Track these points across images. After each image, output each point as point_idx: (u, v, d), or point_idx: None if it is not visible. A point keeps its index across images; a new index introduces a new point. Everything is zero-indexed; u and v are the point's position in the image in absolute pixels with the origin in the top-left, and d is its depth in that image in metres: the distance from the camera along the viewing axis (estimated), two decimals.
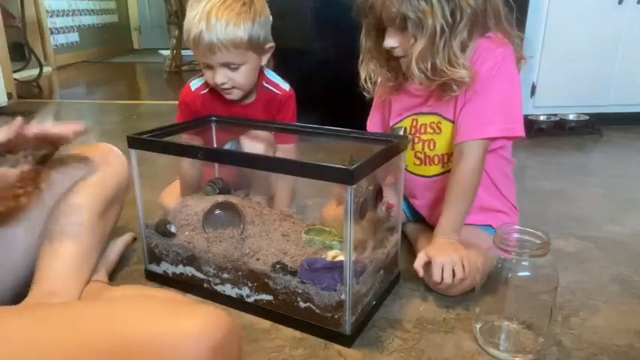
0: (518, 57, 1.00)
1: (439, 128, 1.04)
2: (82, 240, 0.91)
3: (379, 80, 1.07)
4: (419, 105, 1.07)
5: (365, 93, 1.08)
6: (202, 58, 1.11)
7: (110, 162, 0.99)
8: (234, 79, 1.11)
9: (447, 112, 1.03)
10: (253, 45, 1.08)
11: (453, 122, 1.02)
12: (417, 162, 1.08)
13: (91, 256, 0.94)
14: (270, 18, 1.14)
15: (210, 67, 1.11)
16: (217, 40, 1.04)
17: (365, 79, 1.06)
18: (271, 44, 1.15)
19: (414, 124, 1.07)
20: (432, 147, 1.05)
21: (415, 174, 1.10)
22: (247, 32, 1.06)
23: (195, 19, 1.05)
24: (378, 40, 1.01)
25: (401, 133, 1.09)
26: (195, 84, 1.21)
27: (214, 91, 1.17)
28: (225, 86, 1.12)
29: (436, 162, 1.06)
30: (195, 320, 0.57)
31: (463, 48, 0.94)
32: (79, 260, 0.91)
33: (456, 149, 1.00)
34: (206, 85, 1.19)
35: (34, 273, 0.88)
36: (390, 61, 1.04)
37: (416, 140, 1.07)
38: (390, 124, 1.12)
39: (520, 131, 0.98)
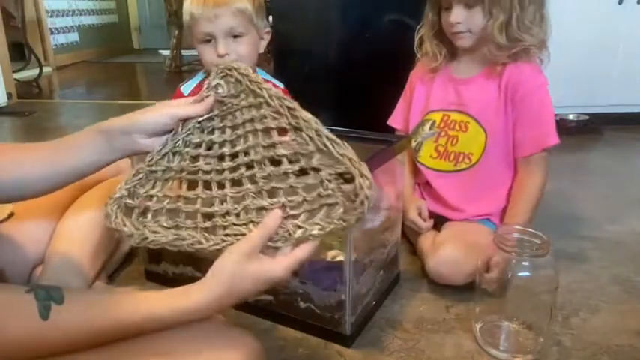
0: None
1: (466, 127, 1.09)
2: (93, 239, 0.92)
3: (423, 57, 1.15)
4: (455, 102, 1.12)
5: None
6: (205, 28, 1.06)
7: (122, 167, 0.97)
8: (237, 51, 1.07)
9: (483, 117, 1.07)
10: (253, 20, 1.08)
11: (484, 129, 1.07)
12: (435, 155, 1.14)
13: (100, 256, 0.95)
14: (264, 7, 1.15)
15: (210, 40, 1.07)
16: (222, 2, 1.04)
17: (417, 46, 1.15)
18: (268, 29, 1.14)
19: (445, 119, 1.12)
20: (454, 143, 1.11)
21: (426, 166, 1.15)
22: (249, 4, 1.07)
23: None
24: (439, 15, 1.08)
25: (428, 125, 1.14)
26: (186, 87, 1.17)
27: None
28: (229, 58, 1.06)
29: (451, 159, 1.11)
30: (236, 352, 0.57)
31: (533, 19, 1.02)
32: (88, 260, 0.91)
33: (522, 162, 1.07)
34: (199, 87, 1.16)
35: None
36: (444, 38, 1.10)
37: (442, 134, 1.12)
38: (427, 110, 1.16)
39: (556, 137, 1.07)
